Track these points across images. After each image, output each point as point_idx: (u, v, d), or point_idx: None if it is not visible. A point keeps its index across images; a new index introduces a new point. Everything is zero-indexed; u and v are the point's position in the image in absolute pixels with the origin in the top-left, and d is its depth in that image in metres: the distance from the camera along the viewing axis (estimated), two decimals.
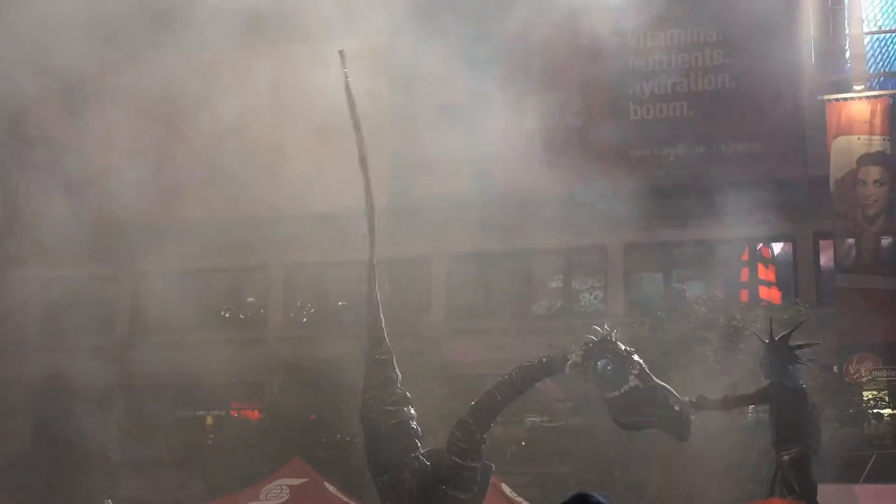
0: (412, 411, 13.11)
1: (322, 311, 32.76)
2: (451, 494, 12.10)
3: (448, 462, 12.17)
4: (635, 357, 11.58)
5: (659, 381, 11.66)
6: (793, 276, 29.54)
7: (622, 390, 11.37)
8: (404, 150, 31.75)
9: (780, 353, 12.60)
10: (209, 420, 32.27)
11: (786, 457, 12.38)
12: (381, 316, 13.63)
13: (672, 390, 11.60)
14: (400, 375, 13.36)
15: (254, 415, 30.02)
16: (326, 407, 25.91)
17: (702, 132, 30.04)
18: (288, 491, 21.09)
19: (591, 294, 30.86)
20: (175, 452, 31.28)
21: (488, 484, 12.62)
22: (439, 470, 12.24)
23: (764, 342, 12.89)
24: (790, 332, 12.96)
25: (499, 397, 12.53)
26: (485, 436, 12.29)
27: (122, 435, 31.78)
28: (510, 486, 21.84)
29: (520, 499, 21.80)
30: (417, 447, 12.70)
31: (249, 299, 34.03)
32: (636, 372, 11.43)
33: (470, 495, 12.19)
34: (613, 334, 11.77)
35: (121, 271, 33.33)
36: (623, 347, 11.65)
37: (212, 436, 30.03)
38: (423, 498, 12.16)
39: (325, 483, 21.94)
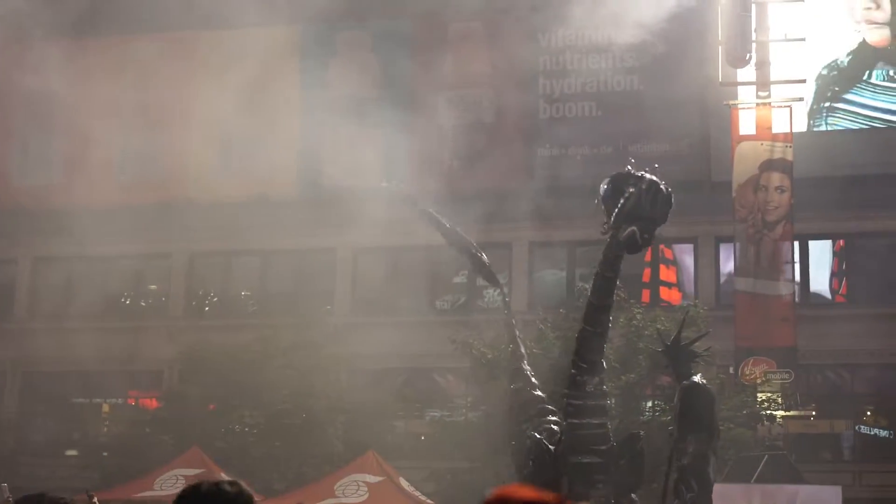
0: (551, 417, 11.54)
1: (225, 300, 32.54)
2: (575, 461, 10.12)
3: (565, 427, 10.31)
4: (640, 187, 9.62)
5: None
6: (693, 278, 29.95)
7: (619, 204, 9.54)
8: (314, 142, 31.66)
9: (683, 354, 12.76)
10: (105, 408, 31.87)
11: (687, 454, 12.54)
12: (526, 369, 12.49)
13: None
14: (543, 395, 12.08)
15: (152, 403, 29.71)
16: (227, 397, 25.73)
17: (609, 133, 30.29)
18: (183, 481, 20.91)
19: (494, 290, 30.93)
20: (71, 440, 30.90)
21: (641, 457, 10.61)
22: (561, 442, 10.34)
23: (667, 345, 13.00)
24: (693, 341, 13.12)
25: (588, 328, 10.44)
26: (602, 386, 10.27)
27: (18, 420, 31.30)
28: (408, 481, 21.89)
29: (417, 493, 21.86)
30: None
31: (151, 287, 33.66)
32: (633, 184, 9.56)
33: (599, 459, 10.11)
34: (640, 173, 9.82)
35: (21, 254, 32.79)
36: (644, 185, 9.67)
37: (108, 423, 29.65)
38: (542, 476, 10.14)
39: (222, 474, 21.80)
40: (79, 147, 31.60)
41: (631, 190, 9.36)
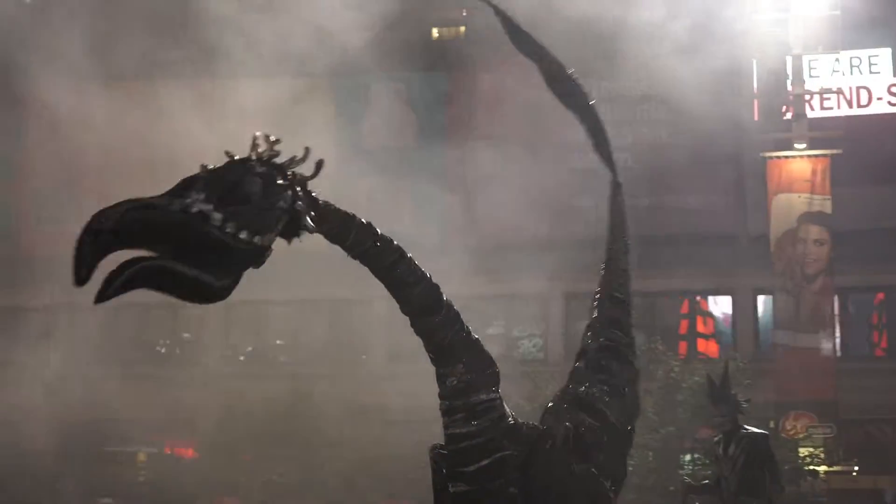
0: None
1: (260, 350, 32.44)
2: (452, 491, 6.86)
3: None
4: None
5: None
6: (731, 330, 29.72)
7: None
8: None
9: (731, 403, 12.53)
10: (141, 457, 31.69)
11: None
12: None
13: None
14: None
15: (188, 453, 29.55)
16: (262, 447, 25.59)
17: (644, 184, 30.15)
18: None
19: (529, 342, 30.83)
20: (106, 488, 30.72)
21: (550, 466, 6.66)
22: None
23: (717, 392, 12.74)
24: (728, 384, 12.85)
25: (440, 323, 6.26)
26: (469, 377, 6.29)
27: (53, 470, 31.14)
28: None
29: None
30: None
31: (185, 335, 33.57)
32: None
33: (466, 486, 6.71)
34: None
35: (54, 303, 32.76)
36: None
37: (144, 472, 29.49)
38: None
39: None
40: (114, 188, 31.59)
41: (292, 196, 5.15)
